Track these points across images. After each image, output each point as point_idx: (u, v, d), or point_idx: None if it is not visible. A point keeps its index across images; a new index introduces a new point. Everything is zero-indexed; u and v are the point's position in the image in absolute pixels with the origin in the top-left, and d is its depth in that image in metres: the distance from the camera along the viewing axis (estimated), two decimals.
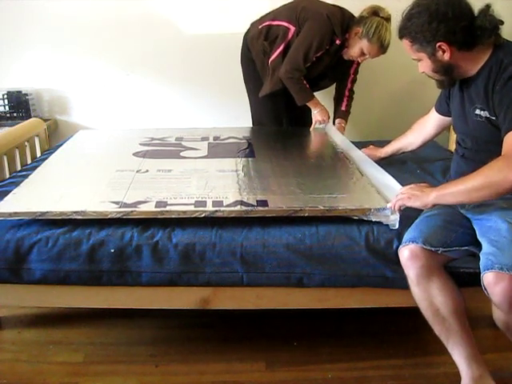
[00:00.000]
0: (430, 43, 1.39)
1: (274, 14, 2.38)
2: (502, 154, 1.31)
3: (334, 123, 2.52)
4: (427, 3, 1.38)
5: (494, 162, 1.29)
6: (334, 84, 2.57)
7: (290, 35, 2.31)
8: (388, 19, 2.22)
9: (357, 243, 1.47)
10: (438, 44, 1.38)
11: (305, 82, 2.33)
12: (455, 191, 1.33)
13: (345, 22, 2.27)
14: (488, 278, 1.25)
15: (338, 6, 2.33)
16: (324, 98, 2.57)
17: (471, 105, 1.45)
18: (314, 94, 2.44)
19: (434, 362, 1.62)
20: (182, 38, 2.78)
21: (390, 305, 1.55)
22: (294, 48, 2.28)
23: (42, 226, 1.52)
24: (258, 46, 2.39)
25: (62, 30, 2.77)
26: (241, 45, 2.50)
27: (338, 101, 2.55)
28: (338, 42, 2.29)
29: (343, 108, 2.52)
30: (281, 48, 2.33)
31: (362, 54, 2.29)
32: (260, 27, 2.38)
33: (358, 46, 2.27)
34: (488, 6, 1.37)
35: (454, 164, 1.63)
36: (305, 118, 2.62)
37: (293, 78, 2.30)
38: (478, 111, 1.43)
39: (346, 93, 2.51)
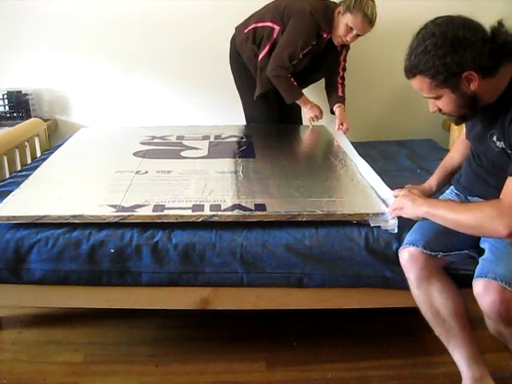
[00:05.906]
0: (455, 75, 1.20)
1: (257, 16, 2.38)
2: (500, 197, 1.21)
3: (331, 111, 2.47)
4: (442, 31, 1.19)
5: (489, 207, 1.20)
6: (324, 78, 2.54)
7: (274, 35, 2.30)
8: None
9: (356, 244, 1.47)
10: (465, 74, 1.19)
11: (292, 79, 2.32)
12: (444, 217, 1.30)
13: (328, 13, 2.23)
14: (478, 285, 1.24)
15: (321, 0, 2.30)
16: (314, 93, 2.58)
17: (488, 129, 1.32)
18: (307, 88, 2.43)
19: (434, 361, 1.62)
20: (181, 37, 2.78)
21: (389, 305, 1.55)
22: (279, 46, 2.27)
23: (41, 226, 1.52)
24: (248, 50, 2.38)
25: (61, 29, 2.76)
26: None
27: (332, 88, 2.48)
28: (325, 35, 2.26)
29: (340, 94, 2.46)
30: (266, 48, 2.32)
31: (349, 30, 2.21)
32: (246, 31, 2.37)
33: (342, 24, 2.21)
34: (500, 23, 1.21)
35: (466, 177, 1.51)
36: (296, 117, 2.63)
37: (279, 76, 2.29)
38: (495, 138, 1.30)
39: (339, 80, 2.47)
